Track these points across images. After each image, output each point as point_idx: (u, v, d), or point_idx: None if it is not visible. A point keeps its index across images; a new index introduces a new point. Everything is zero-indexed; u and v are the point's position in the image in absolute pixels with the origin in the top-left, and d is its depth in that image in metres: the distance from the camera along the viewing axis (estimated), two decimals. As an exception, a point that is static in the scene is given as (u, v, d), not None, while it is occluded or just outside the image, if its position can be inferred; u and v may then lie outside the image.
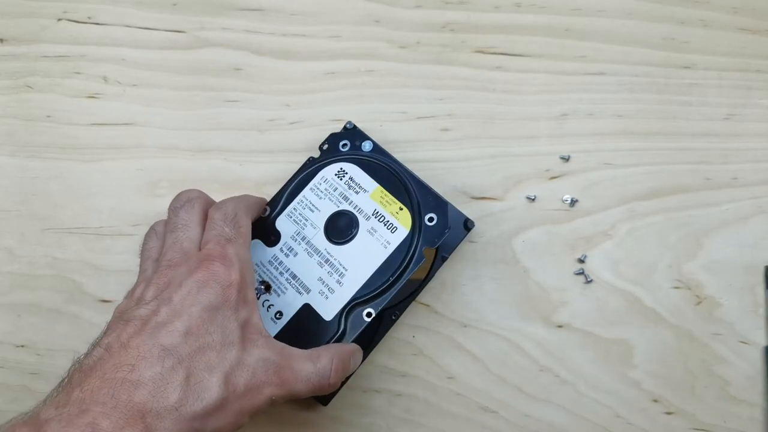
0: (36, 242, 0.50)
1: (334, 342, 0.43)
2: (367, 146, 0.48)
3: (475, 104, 0.51)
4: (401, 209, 0.45)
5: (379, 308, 0.44)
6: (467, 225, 0.48)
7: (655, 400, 0.48)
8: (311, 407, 0.48)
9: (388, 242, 0.45)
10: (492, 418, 0.48)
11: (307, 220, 0.46)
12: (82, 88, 0.51)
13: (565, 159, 0.51)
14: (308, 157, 0.49)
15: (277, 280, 0.45)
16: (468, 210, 0.49)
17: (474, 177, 0.50)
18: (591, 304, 0.49)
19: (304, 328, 0.44)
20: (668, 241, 0.50)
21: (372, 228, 0.45)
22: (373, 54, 0.51)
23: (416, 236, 0.45)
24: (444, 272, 0.49)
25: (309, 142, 0.51)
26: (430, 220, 0.45)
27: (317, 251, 0.45)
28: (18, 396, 0.49)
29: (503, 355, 0.49)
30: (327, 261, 0.45)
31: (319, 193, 0.47)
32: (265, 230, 0.47)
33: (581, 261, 0.49)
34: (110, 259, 0.50)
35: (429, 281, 0.48)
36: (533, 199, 0.50)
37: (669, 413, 0.48)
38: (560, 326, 0.49)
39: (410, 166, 0.49)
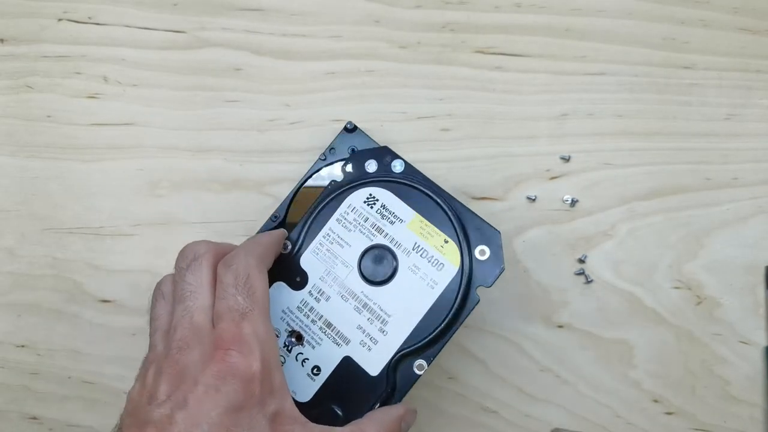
0: (36, 242, 0.50)
1: (382, 400, 0.39)
2: (398, 166, 0.42)
3: (475, 104, 0.51)
4: (446, 242, 0.40)
5: (432, 359, 0.39)
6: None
7: (656, 400, 0.48)
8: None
9: (434, 282, 0.39)
10: (492, 418, 0.48)
11: (336, 257, 0.40)
12: (82, 88, 0.51)
13: (566, 159, 0.51)
14: (330, 181, 0.43)
15: (309, 329, 0.40)
16: (468, 210, 0.49)
17: (474, 177, 0.50)
18: (591, 304, 0.49)
19: (347, 386, 0.39)
20: (668, 241, 0.50)
21: (414, 265, 0.40)
22: (373, 54, 0.51)
23: (467, 273, 0.39)
24: (444, 272, 0.49)
25: (309, 142, 0.51)
26: (482, 253, 0.39)
27: (353, 294, 0.40)
28: (18, 396, 0.49)
29: (504, 355, 0.49)
30: (365, 306, 0.40)
31: (347, 224, 0.41)
32: (289, 270, 0.41)
33: (581, 261, 0.49)
34: (110, 259, 0.50)
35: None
36: (533, 199, 0.50)
37: (669, 413, 0.48)
38: (561, 326, 0.49)
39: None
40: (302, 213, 0.42)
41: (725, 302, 0.49)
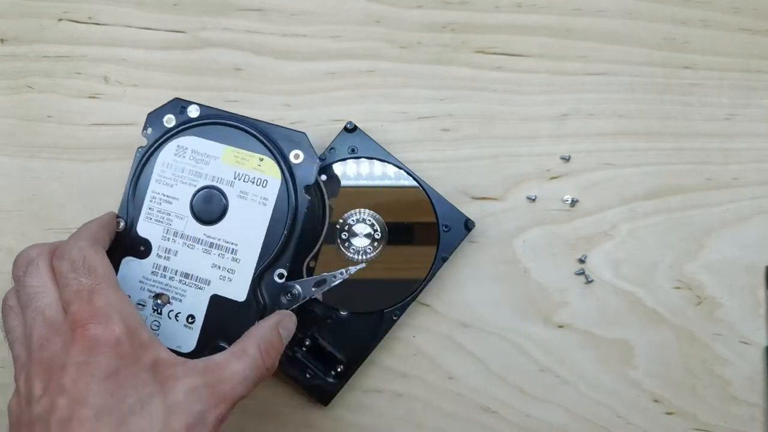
0: (37, 242, 0.50)
1: (258, 317, 0.41)
2: (194, 111, 0.44)
3: (475, 104, 0.51)
4: (262, 160, 0.42)
5: (287, 264, 0.42)
6: (467, 225, 0.48)
7: (656, 401, 0.48)
8: (312, 407, 0.48)
9: (264, 199, 0.42)
10: (492, 418, 0.48)
11: (169, 214, 0.42)
12: (82, 89, 0.51)
13: (566, 159, 0.51)
14: (136, 149, 0.45)
15: (171, 286, 0.42)
16: (468, 210, 0.49)
17: (474, 177, 0.50)
18: (591, 304, 0.49)
19: (224, 320, 0.41)
20: (669, 241, 0.50)
21: (241, 192, 0.42)
22: (374, 54, 0.51)
23: (290, 180, 0.42)
24: (444, 272, 0.49)
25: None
26: (296, 157, 0.43)
27: (197, 240, 0.42)
28: (19, 396, 0.49)
29: (504, 355, 0.49)
30: (212, 245, 0.42)
31: (168, 181, 0.43)
32: (130, 244, 0.43)
33: (582, 261, 0.49)
34: (111, 259, 0.50)
35: (429, 281, 0.48)
36: (534, 199, 0.50)
37: (669, 413, 0.48)
38: (561, 326, 0.49)
39: (411, 167, 0.49)
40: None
41: (726, 302, 0.49)
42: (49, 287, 0.36)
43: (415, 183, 0.48)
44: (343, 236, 0.48)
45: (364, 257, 0.47)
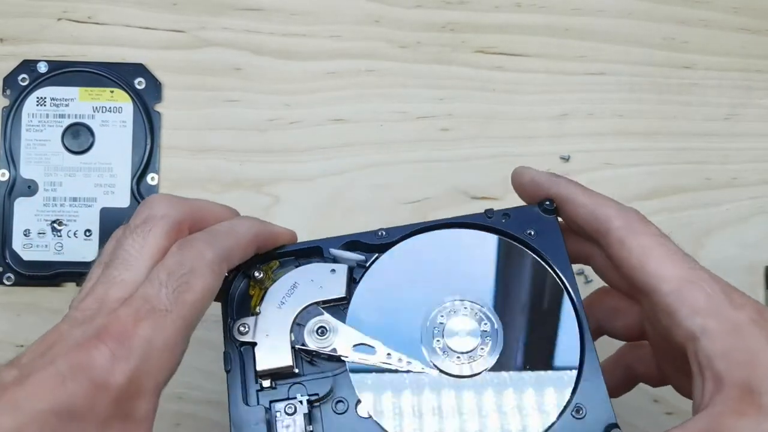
0: (36, 242, 0.50)
1: None
2: (42, 67, 0.49)
3: (475, 104, 0.51)
4: (112, 92, 0.49)
5: (156, 167, 0.49)
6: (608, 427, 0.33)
7: (656, 401, 0.48)
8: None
9: (123, 122, 0.49)
10: (492, 418, 0.48)
11: (45, 154, 0.48)
12: (82, 88, 0.51)
13: (566, 159, 0.51)
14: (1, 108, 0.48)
15: (63, 211, 0.48)
16: (468, 209, 0.49)
17: (474, 177, 0.50)
18: (591, 304, 0.49)
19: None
20: (668, 241, 0.50)
21: (103, 121, 0.49)
22: (374, 54, 0.51)
23: (140, 99, 0.49)
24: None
25: (309, 141, 0.51)
26: (140, 84, 0.50)
27: (76, 169, 0.48)
28: (18, 396, 0.49)
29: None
30: (90, 169, 0.48)
31: (36, 127, 0.48)
32: (18, 186, 0.48)
33: (581, 261, 0.49)
34: (110, 258, 0.50)
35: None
36: (533, 199, 0.50)
37: (669, 413, 0.48)
38: (560, 326, 0.49)
39: (410, 166, 0.49)
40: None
41: (725, 302, 0.49)
42: (141, 264, 0.30)
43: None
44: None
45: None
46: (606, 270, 0.36)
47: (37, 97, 0.49)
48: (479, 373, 0.33)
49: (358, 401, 0.33)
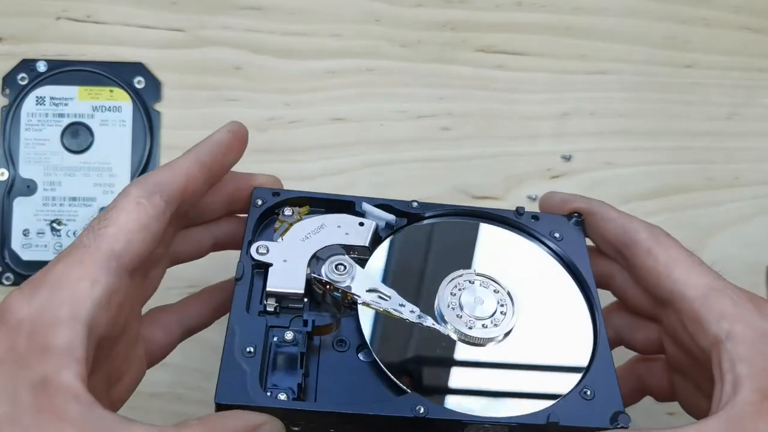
0: (35, 242, 0.50)
1: None
2: (41, 66, 0.49)
3: (476, 103, 0.51)
4: (112, 90, 0.49)
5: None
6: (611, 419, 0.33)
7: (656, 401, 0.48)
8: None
9: (123, 121, 0.48)
10: (493, 418, 0.48)
11: (45, 153, 0.48)
12: (81, 87, 0.51)
13: (567, 158, 0.50)
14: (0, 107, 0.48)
15: (62, 211, 0.48)
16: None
17: (475, 176, 0.50)
18: (592, 304, 0.49)
19: None
20: (670, 240, 0.49)
21: (102, 120, 0.48)
22: (374, 53, 0.51)
23: (140, 101, 0.49)
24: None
25: (309, 141, 0.50)
26: (139, 83, 0.49)
27: (75, 168, 0.48)
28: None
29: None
30: (89, 169, 0.48)
31: (35, 126, 0.48)
32: (17, 186, 0.48)
33: (583, 261, 0.49)
34: (109, 258, 0.50)
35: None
36: (534, 199, 0.50)
37: (670, 413, 0.48)
38: (561, 326, 0.49)
39: (411, 166, 0.49)
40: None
41: (727, 302, 0.49)
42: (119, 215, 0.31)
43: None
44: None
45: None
46: (627, 289, 0.38)
47: (37, 97, 0.49)
48: (492, 339, 0.34)
49: (360, 346, 0.33)
